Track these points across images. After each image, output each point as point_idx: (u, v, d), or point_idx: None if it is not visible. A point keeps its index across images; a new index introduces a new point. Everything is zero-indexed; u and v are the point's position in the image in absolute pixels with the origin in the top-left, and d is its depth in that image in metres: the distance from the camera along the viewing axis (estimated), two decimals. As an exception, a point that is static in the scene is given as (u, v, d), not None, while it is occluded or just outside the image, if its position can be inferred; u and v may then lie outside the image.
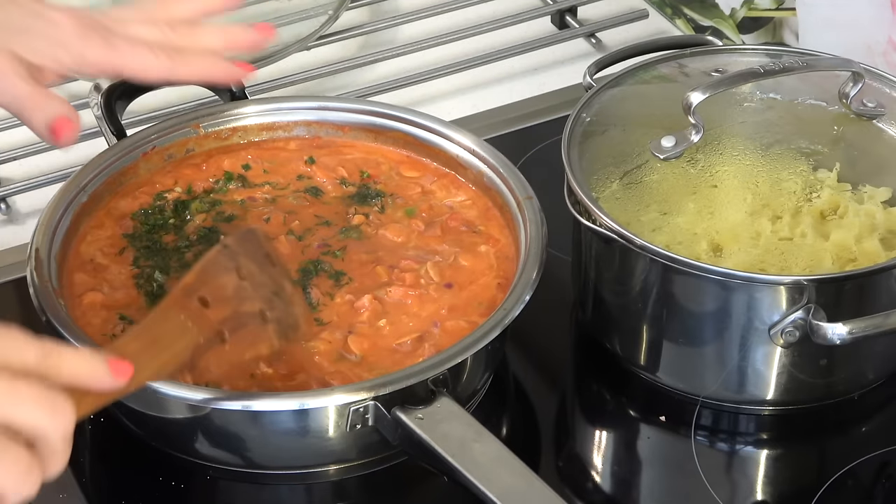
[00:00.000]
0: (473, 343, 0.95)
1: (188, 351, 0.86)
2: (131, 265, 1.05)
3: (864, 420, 1.06)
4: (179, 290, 0.88)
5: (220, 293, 0.89)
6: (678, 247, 1.03)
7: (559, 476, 1.01)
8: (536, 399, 1.07)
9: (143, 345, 0.84)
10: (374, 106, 1.16)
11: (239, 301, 0.90)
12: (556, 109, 1.31)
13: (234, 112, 1.15)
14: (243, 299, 0.90)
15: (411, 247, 1.07)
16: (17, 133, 1.28)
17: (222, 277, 0.90)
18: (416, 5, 1.44)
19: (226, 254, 0.91)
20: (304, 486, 1.00)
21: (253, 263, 0.92)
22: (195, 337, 0.87)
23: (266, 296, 0.92)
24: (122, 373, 0.79)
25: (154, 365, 0.84)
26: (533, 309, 0.99)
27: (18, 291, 1.10)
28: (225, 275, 0.90)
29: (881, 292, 0.99)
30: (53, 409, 0.74)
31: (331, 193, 1.12)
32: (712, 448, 1.04)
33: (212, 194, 1.11)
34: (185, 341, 0.86)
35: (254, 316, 0.91)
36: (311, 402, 0.93)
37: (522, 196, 1.07)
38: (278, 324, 0.92)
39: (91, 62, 0.94)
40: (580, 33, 1.43)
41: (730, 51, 1.16)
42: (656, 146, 1.06)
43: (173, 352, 0.85)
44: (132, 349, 0.83)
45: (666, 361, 1.04)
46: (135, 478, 0.99)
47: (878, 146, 1.10)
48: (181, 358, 0.86)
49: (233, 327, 0.89)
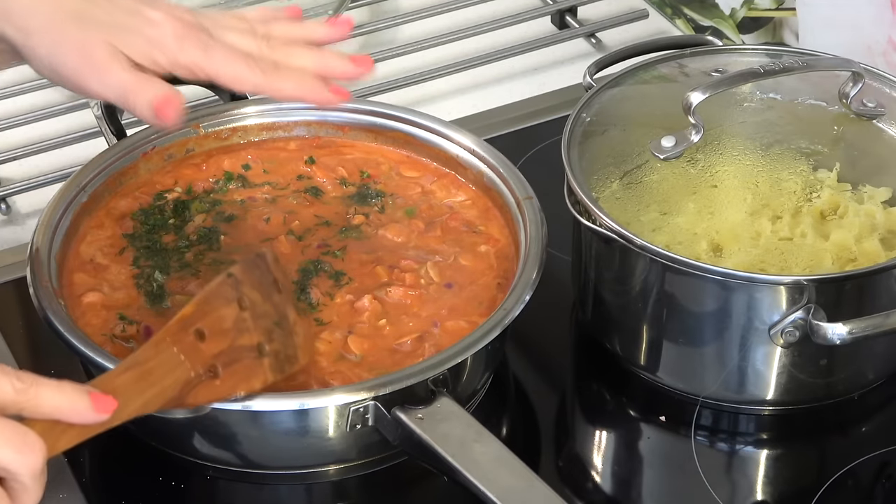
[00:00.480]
0: (473, 343, 0.95)
1: (178, 386, 0.85)
2: (131, 265, 1.05)
3: (864, 420, 1.06)
4: (176, 322, 0.87)
5: (219, 325, 0.88)
6: (678, 247, 1.03)
7: (559, 476, 1.01)
8: (536, 399, 1.07)
9: (132, 378, 0.83)
10: (374, 106, 1.16)
11: (237, 333, 0.89)
12: (556, 109, 1.31)
13: (234, 112, 1.15)
14: (242, 332, 0.90)
15: (411, 247, 1.07)
16: (17, 133, 1.29)
17: (222, 309, 0.89)
18: (416, 5, 1.45)
19: (229, 283, 0.90)
20: (304, 486, 1.00)
21: (257, 293, 0.91)
22: (186, 371, 0.86)
23: (266, 327, 0.91)
24: (104, 407, 0.78)
25: (141, 399, 0.83)
26: (533, 309, 0.99)
27: (18, 291, 1.10)
28: (225, 307, 0.89)
29: (881, 292, 0.99)
30: (22, 447, 0.74)
31: (331, 193, 1.12)
32: (712, 448, 1.04)
33: (212, 194, 1.11)
34: (175, 376, 0.85)
35: (250, 349, 0.90)
36: (311, 402, 0.93)
37: (522, 196, 1.07)
38: (275, 357, 0.91)
39: (184, 65, 0.95)
40: (580, 33, 1.43)
41: (730, 51, 1.16)
42: (656, 146, 1.06)
43: (162, 386, 0.85)
44: (120, 382, 0.82)
45: (666, 361, 1.04)
46: (135, 478, 0.99)
47: (878, 146, 1.10)
48: (170, 393, 0.85)
49: (227, 362, 0.88)
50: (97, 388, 0.80)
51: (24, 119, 1.29)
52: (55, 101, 1.32)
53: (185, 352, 0.86)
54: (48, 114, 1.30)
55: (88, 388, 0.79)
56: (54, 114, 1.30)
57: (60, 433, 0.77)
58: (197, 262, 1.04)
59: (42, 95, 1.33)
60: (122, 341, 0.98)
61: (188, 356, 0.86)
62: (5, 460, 0.74)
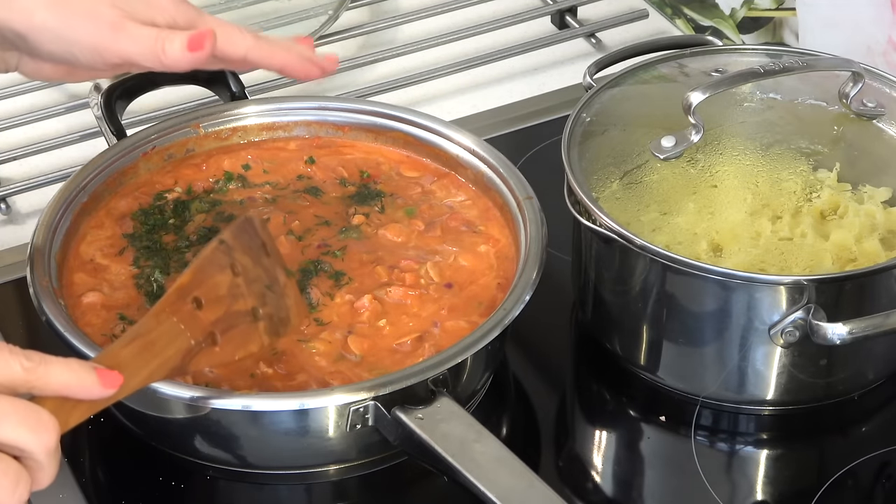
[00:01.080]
0: (473, 343, 0.95)
1: (179, 355, 0.87)
2: (131, 265, 1.05)
3: (864, 420, 1.06)
4: (174, 291, 0.88)
5: (214, 293, 0.89)
6: (678, 247, 1.03)
7: (559, 476, 1.01)
8: (536, 399, 1.07)
9: (135, 350, 0.84)
10: (374, 106, 1.16)
11: (232, 300, 0.90)
12: (556, 109, 1.31)
13: (234, 112, 1.15)
14: (236, 297, 0.90)
15: (411, 247, 1.07)
16: (17, 133, 1.29)
17: (217, 276, 0.90)
18: (416, 5, 1.44)
19: (222, 250, 0.91)
20: (303, 486, 1.00)
21: (248, 257, 0.92)
22: (187, 340, 0.87)
23: (259, 291, 0.92)
24: (111, 382, 0.79)
25: (146, 371, 0.84)
26: (533, 309, 0.99)
27: (18, 291, 1.10)
28: (220, 273, 0.90)
29: (881, 292, 0.99)
30: (37, 426, 0.75)
31: (331, 193, 1.12)
32: (712, 448, 1.04)
33: (212, 194, 1.11)
34: (176, 345, 0.86)
35: (245, 314, 0.91)
36: (311, 402, 0.93)
37: (522, 196, 1.07)
38: (269, 320, 0.92)
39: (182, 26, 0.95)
40: (580, 33, 1.43)
41: (730, 51, 1.16)
42: (656, 146, 1.06)
43: (165, 356, 0.86)
44: (124, 355, 0.83)
45: (666, 361, 1.04)
46: (135, 478, 0.99)
47: (878, 146, 1.10)
48: (173, 362, 0.86)
49: (224, 328, 0.89)
50: (102, 361, 0.81)
51: (24, 119, 1.29)
52: (55, 101, 1.32)
53: (184, 321, 0.87)
54: (48, 114, 1.30)
55: (94, 365, 0.80)
56: (54, 114, 1.30)
57: (71, 409, 0.78)
58: (197, 262, 1.04)
59: (42, 95, 1.33)
60: (122, 341, 0.98)
61: (187, 325, 0.87)
62: (21, 440, 0.75)
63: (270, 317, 0.93)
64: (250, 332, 0.91)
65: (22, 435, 0.75)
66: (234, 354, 0.91)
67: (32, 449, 0.75)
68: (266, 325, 0.92)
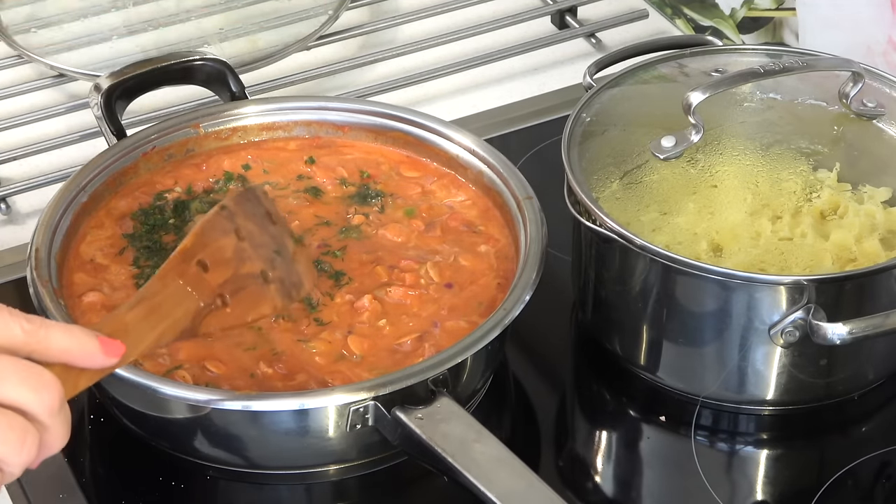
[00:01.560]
0: (473, 343, 0.95)
1: (189, 317, 0.86)
2: (131, 265, 1.05)
3: (864, 420, 1.06)
4: (178, 254, 0.87)
5: (220, 255, 0.88)
6: (678, 247, 1.03)
7: (559, 476, 1.01)
8: (536, 399, 1.07)
9: (142, 313, 0.83)
10: (374, 106, 1.16)
11: (239, 262, 0.89)
12: (556, 109, 1.31)
13: (234, 112, 1.15)
14: (243, 260, 0.90)
15: (411, 247, 1.07)
16: (17, 133, 1.29)
17: (221, 240, 0.89)
18: (416, 5, 1.44)
19: (224, 215, 0.90)
20: (304, 486, 1.00)
21: (252, 223, 0.91)
22: (195, 302, 0.86)
23: (267, 255, 0.91)
24: (113, 351, 0.78)
25: (155, 333, 0.83)
26: (533, 309, 0.99)
27: (18, 291, 1.10)
28: (223, 237, 0.89)
29: (881, 292, 0.99)
30: (38, 386, 0.73)
31: (331, 193, 1.12)
32: (712, 448, 1.04)
33: (212, 194, 1.11)
34: (185, 307, 0.85)
35: (255, 277, 0.90)
36: (311, 402, 0.93)
37: (522, 196, 1.07)
38: (281, 283, 0.91)
39: None
40: (580, 33, 1.43)
41: (730, 51, 1.16)
42: (656, 146, 1.06)
43: (174, 318, 0.85)
44: (131, 318, 0.82)
45: (666, 361, 1.04)
46: (135, 478, 0.99)
47: (878, 146, 1.10)
48: (182, 324, 0.85)
49: (234, 290, 0.88)
50: (108, 326, 0.80)
51: (24, 119, 1.29)
52: (55, 101, 1.32)
53: (190, 283, 0.86)
54: (48, 114, 1.30)
55: (97, 333, 0.78)
56: (54, 114, 1.30)
57: (78, 374, 0.77)
58: (197, 262, 1.04)
59: (42, 95, 1.33)
60: (123, 341, 0.98)
61: (195, 287, 0.86)
62: (22, 399, 0.73)
63: (282, 280, 0.91)
64: (261, 293, 0.90)
65: (23, 394, 0.73)
66: (247, 315, 0.90)
67: (35, 408, 0.73)
68: (278, 288, 0.91)
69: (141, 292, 0.85)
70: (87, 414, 1.03)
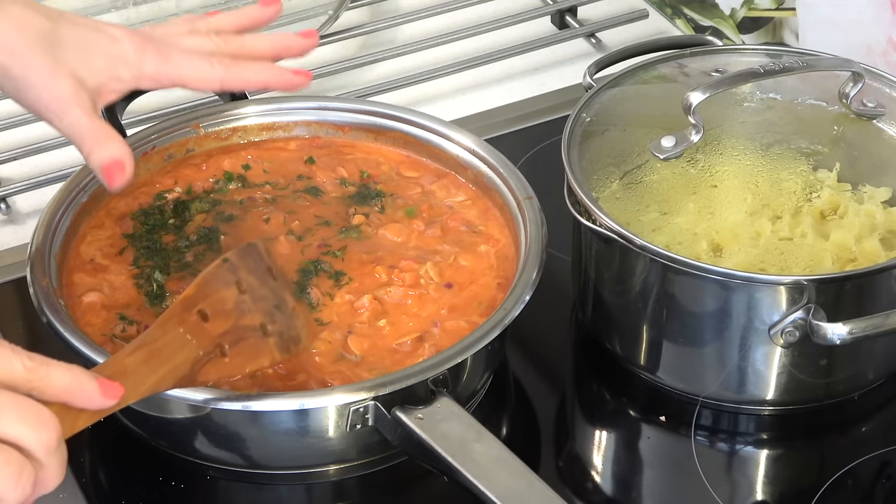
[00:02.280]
0: (473, 343, 0.95)
1: (188, 364, 0.87)
2: (131, 265, 1.05)
3: (864, 420, 1.06)
4: (179, 303, 0.88)
5: (220, 307, 0.89)
6: (678, 247, 1.03)
7: (559, 476, 1.01)
8: (536, 399, 1.07)
9: (141, 358, 0.84)
10: (374, 106, 1.16)
11: (239, 314, 0.90)
12: (556, 109, 1.31)
13: (234, 112, 1.15)
14: (244, 312, 0.91)
15: (411, 247, 1.07)
16: (17, 133, 1.28)
17: (222, 291, 0.90)
18: (416, 5, 1.44)
19: (226, 268, 0.91)
20: (304, 486, 1.00)
21: (253, 277, 0.92)
22: (195, 350, 0.87)
23: (267, 309, 0.92)
24: (112, 393, 0.79)
25: (153, 378, 0.84)
26: (533, 309, 0.99)
27: (18, 291, 1.10)
28: (225, 288, 0.90)
29: (881, 292, 0.99)
30: (37, 423, 0.74)
31: (331, 193, 1.12)
32: (712, 448, 1.04)
33: (212, 194, 1.11)
34: (184, 354, 0.86)
35: (254, 329, 0.91)
36: (311, 402, 0.93)
37: (522, 196, 1.07)
38: (280, 337, 0.92)
39: (149, 75, 0.99)
40: (580, 33, 1.43)
41: (730, 51, 1.16)
42: (656, 146, 1.06)
43: (173, 364, 0.86)
44: (130, 362, 0.83)
45: (666, 361, 1.04)
46: (135, 478, 0.99)
47: (878, 146, 1.10)
48: (181, 371, 0.86)
49: (233, 340, 0.89)
50: (108, 369, 0.81)
51: (24, 119, 1.29)
52: (55, 101, 1.32)
53: (190, 332, 0.87)
54: (48, 114, 1.30)
55: (96, 375, 0.79)
56: (54, 114, 1.30)
57: (77, 414, 0.78)
58: (197, 263, 1.04)
59: (42, 95, 1.33)
60: (123, 341, 0.98)
61: (194, 335, 0.87)
62: (20, 435, 0.74)
63: (280, 334, 0.92)
64: (260, 346, 0.91)
65: (21, 431, 0.74)
66: (245, 367, 0.90)
67: (32, 446, 0.74)
68: (276, 341, 0.92)
69: (141, 338, 0.86)
70: (87, 414, 1.03)
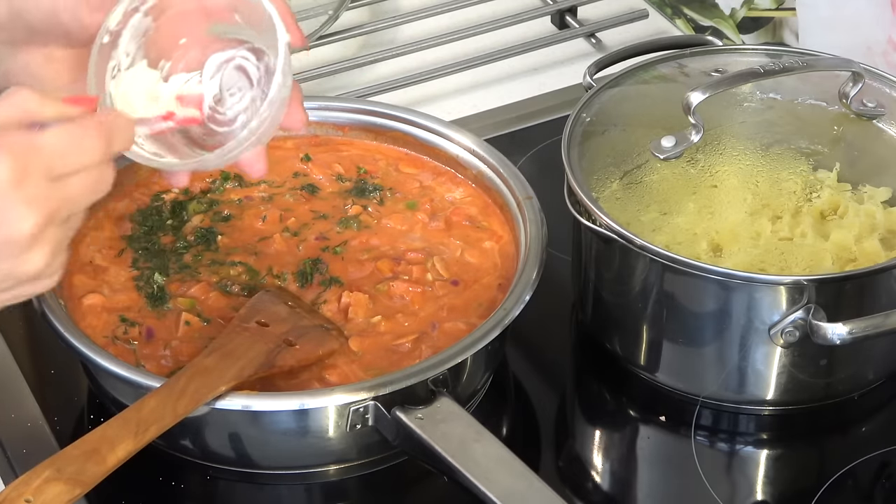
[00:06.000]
0: (473, 343, 0.95)
1: (263, 355, 0.93)
2: (130, 267, 1.05)
3: (864, 420, 1.06)
4: (235, 320, 0.96)
5: (276, 317, 0.97)
6: (678, 247, 1.03)
7: (559, 476, 1.01)
8: (536, 399, 1.07)
9: (218, 357, 0.92)
10: (374, 106, 1.16)
11: (296, 319, 0.97)
12: (556, 109, 1.31)
13: (233, 112, 1.15)
14: (301, 316, 0.97)
15: (417, 237, 1.07)
16: (16, 133, 1.28)
17: (272, 308, 0.98)
18: (416, 5, 1.44)
19: (266, 297, 0.99)
20: (304, 486, 1.00)
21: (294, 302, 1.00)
22: (266, 344, 0.94)
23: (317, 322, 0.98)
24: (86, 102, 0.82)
25: (234, 369, 0.91)
26: (533, 309, 0.99)
27: (18, 291, 1.09)
28: (274, 306, 0.98)
29: (881, 292, 0.99)
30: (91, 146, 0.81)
31: (327, 189, 1.12)
32: (712, 448, 1.04)
33: (209, 194, 1.11)
34: (256, 349, 0.93)
35: (314, 327, 0.97)
36: (311, 402, 0.93)
37: (522, 196, 1.07)
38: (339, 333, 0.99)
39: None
40: (580, 33, 1.43)
41: (730, 51, 1.16)
42: (656, 146, 1.06)
43: (248, 358, 0.93)
44: (210, 361, 0.91)
45: (666, 361, 1.04)
46: (135, 478, 0.99)
47: (878, 146, 1.10)
48: (259, 360, 0.93)
49: (297, 335, 0.96)
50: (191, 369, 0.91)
51: (24, 119, 1.29)
52: (55, 101, 1.32)
53: (255, 335, 0.95)
54: (48, 114, 1.30)
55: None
56: (54, 114, 1.30)
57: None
58: (196, 263, 1.04)
59: (42, 95, 1.33)
60: (125, 343, 0.98)
61: (260, 336, 0.95)
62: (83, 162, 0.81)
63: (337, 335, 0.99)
64: (325, 335, 0.97)
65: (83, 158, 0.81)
66: (317, 350, 0.96)
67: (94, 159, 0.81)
68: (337, 335, 0.98)
69: (213, 344, 0.94)
70: (87, 414, 1.03)
